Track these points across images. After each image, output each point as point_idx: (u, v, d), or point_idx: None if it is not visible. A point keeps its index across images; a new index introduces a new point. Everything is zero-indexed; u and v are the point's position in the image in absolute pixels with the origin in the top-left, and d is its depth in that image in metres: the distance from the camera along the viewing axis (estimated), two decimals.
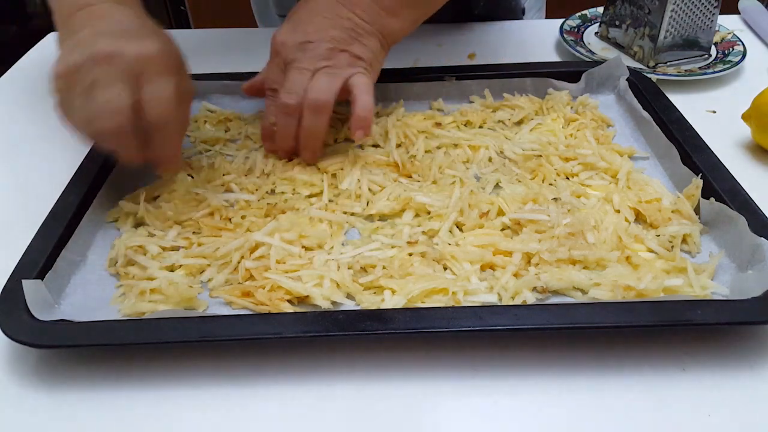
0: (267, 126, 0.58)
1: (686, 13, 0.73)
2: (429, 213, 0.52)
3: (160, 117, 0.49)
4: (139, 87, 0.48)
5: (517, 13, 0.90)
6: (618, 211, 0.52)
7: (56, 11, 0.54)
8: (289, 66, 0.56)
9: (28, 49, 0.84)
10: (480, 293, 0.46)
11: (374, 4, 0.58)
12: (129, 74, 0.47)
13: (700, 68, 0.74)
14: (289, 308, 0.45)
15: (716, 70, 0.73)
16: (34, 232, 0.49)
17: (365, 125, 0.56)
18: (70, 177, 0.55)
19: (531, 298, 0.45)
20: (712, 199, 0.51)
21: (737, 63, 0.74)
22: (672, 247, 0.49)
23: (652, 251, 0.49)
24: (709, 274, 0.46)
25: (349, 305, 0.46)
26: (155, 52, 0.48)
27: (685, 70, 0.74)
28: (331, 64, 0.55)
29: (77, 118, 0.49)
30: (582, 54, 0.77)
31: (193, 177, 0.57)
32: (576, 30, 0.83)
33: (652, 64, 0.75)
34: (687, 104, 0.64)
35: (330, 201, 0.54)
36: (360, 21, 0.57)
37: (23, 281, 0.43)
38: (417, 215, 0.53)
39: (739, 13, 0.88)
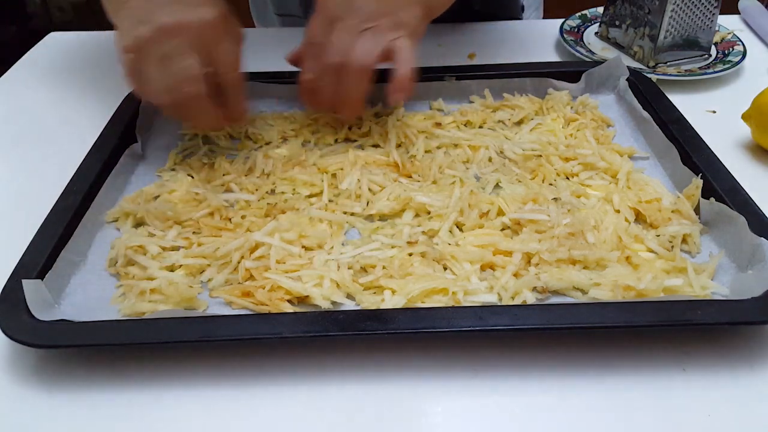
0: (305, 80, 0.59)
1: (686, 13, 0.73)
2: (429, 213, 0.52)
3: (234, 79, 0.55)
4: (208, 53, 0.53)
5: (517, 10, 0.90)
6: (618, 211, 0.52)
7: None
8: (334, 24, 0.56)
9: (28, 49, 0.84)
10: (480, 293, 0.46)
11: None
12: (197, 43, 0.52)
13: (700, 68, 0.74)
14: (289, 308, 0.45)
15: (716, 70, 0.73)
16: (34, 232, 0.49)
17: (406, 87, 0.56)
18: (70, 177, 0.55)
19: (531, 298, 0.45)
20: (712, 199, 0.51)
21: (737, 63, 0.74)
22: (672, 247, 0.49)
23: (652, 251, 0.49)
24: (709, 274, 0.46)
25: (349, 305, 0.46)
26: (214, 17, 0.53)
27: (685, 70, 0.74)
28: (375, 26, 0.55)
29: (153, 88, 0.53)
30: (582, 54, 0.77)
31: (193, 177, 0.57)
32: (576, 30, 0.83)
33: (652, 64, 0.75)
34: (687, 104, 0.64)
35: (330, 201, 0.54)
36: None
37: (23, 281, 0.43)
38: (417, 215, 0.53)
39: (739, 13, 0.88)
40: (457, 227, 0.51)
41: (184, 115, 0.56)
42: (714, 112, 0.68)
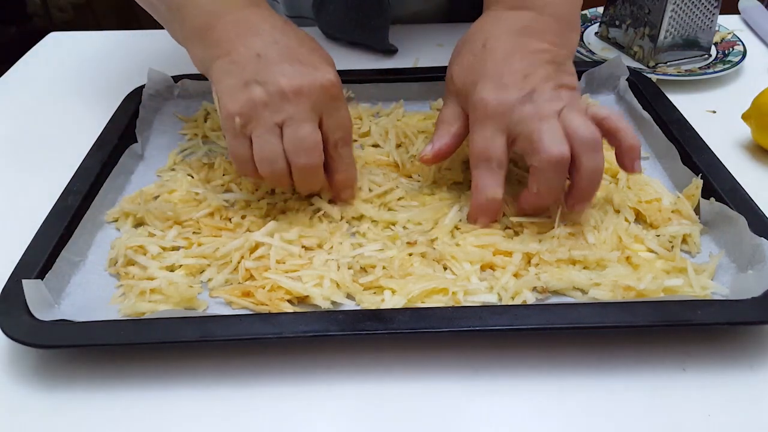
0: (486, 201, 0.50)
1: (686, 13, 0.73)
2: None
3: (349, 142, 0.50)
4: (321, 117, 0.48)
5: None
6: (618, 211, 0.52)
7: (185, 21, 0.52)
8: (527, 122, 0.47)
9: (28, 49, 0.85)
10: (480, 293, 0.46)
11: (559, 24, 0.53)
12: (315, 108, 0.47)
13: (700, 68, 0.74)
14: (289, 308, 0.45)
15: (716, 70, 0.73)
16: (34, 232, 0.49)
17: (639, 155, 0.49)
18: (70, 177, 0.55)
19: (531, 298, 0.45)
20: (712, 199, 0.51)
21: (737, 63, 0.74)
22: (672, 247, 0.49)
23: (652, 251, 0.49)
24: (709, 274, 0.46)
25: (349, 305, 0.46)
26: (332, 80, 0.48)
27: (685, 70, 0.74)
28: (566, 103, 0.48)
29: (263, 156, 0.47)
30: (582, 54, 0.77)
31: (193, 177, 0.57)
32: None
33: (652, 64, 0.75)
34: (687, 104, 0.64)
35: (330, 201, 0.54)
36: (555, 49, 0.51)
37: (23, 281, 0.43)
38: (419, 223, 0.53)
39: (739, 13, 0.89)
40: (457, 228, 0.51)
41: (293, 183, 0.50)
42: (714, 112, 0.68)
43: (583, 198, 0.49)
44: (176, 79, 0.69)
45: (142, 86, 0.67)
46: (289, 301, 0.46)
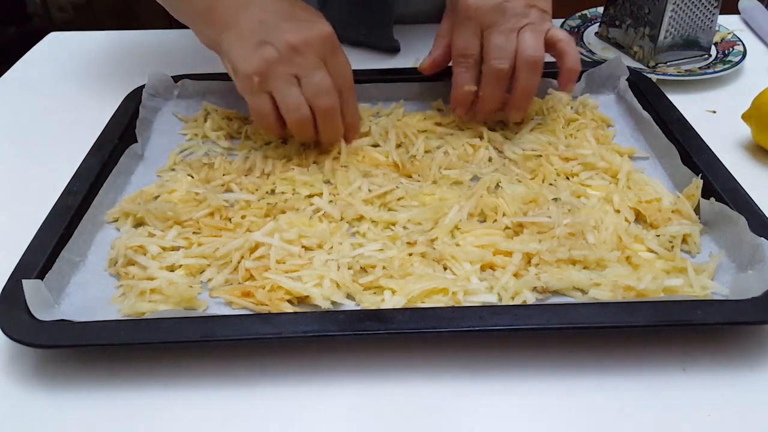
0: (462, 93, 0.60)
1: (686, 13, 0.73)
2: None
3: (351, 86, 0.56)
4: (326, 66, 0.54)
5: None
6: (618, 211, 0.52)
7: (188, 6, 0.58)
8: (491, 29, 0.56)
9: (28, 49, 0.85)
10: (480, 293, 0.46)
11: None
12: (321, 57, 0.53)
13: (700, 68, 0.74)
14: (289, 308, 0.45)
15: (716, 70, 0.73)
16: (34, 232, 0.49)
17: (575, 78, 0.59)
18: (70, 177, 0.55)
19: (531, 298, 0.45)
20: (712, 199, 0.51)
21: (737, 63, 0.74)
22: (672, 247, 0.49)
23: (652, 251, 0.49)
24: (709, 274, 0.46)
25: (349, 305, 0.46)
26: (330, 31, 0.54)
27: (685, 70, 0.74)
28: (531, 21, 0.56)
29: (286, 106, 0.53)
30: (582, 54, 0.77)
31: (193, 177, 0.57)
32: (576, 30, 0.83)
33: (652, 64, 0.75)
34: (687, 104, 0.64)
35: (330, 201, 0.54)
36: None
37: (23, 281, 0.43)
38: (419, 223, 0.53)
39: (739, 13, 0.89)
40: (457, 228, 0.51)
41: (316, 129, 0.55)
42: (714, 112, 0.68)
43: (516, 107, 0.59)
44: (176, 79, 0.69)
45: (142, 86, 0.67)
46: (289, 301, 0.46)
